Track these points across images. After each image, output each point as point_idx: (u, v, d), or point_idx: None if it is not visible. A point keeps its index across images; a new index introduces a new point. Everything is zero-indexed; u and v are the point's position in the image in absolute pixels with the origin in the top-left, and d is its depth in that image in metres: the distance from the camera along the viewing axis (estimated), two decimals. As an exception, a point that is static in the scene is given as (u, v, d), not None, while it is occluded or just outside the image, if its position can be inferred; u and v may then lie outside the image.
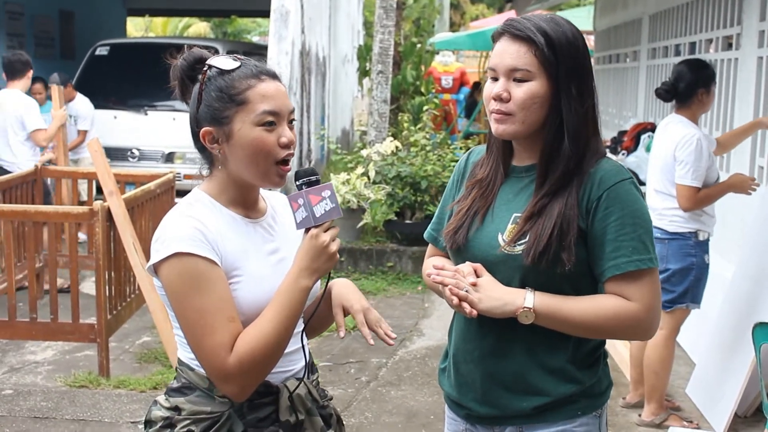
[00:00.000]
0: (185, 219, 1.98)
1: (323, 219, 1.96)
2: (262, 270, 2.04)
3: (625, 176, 2.09)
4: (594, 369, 2.17)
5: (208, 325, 1.92)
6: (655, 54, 8.90)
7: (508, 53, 2.09)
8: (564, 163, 2.08)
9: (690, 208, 4.49)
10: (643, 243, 2.05)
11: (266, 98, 2.01)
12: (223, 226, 2.02)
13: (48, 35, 14.29)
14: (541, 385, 2.13)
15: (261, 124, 2.00)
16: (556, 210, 2.06)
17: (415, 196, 8.22)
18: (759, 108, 5.70)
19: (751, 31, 5.88)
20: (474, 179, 2.28)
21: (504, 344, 2.15)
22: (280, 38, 9.41)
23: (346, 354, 5.91)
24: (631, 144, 7.79)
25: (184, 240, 1.94)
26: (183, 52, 2.10)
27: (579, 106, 2.08)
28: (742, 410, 4.73)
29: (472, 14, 32.65)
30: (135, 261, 5.49)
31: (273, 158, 2.01)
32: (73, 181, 7.41)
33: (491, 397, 2.18)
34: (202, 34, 29.11)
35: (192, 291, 1.93)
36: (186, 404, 2.05)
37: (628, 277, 2.04)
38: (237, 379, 1.94)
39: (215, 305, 1.93)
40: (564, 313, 2.06)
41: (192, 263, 1.93)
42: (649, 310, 2.07)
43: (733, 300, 4.94)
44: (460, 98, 16.20)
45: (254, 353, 1.92)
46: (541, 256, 2.04)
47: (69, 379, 5.26)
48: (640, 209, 2.07)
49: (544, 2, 14.10)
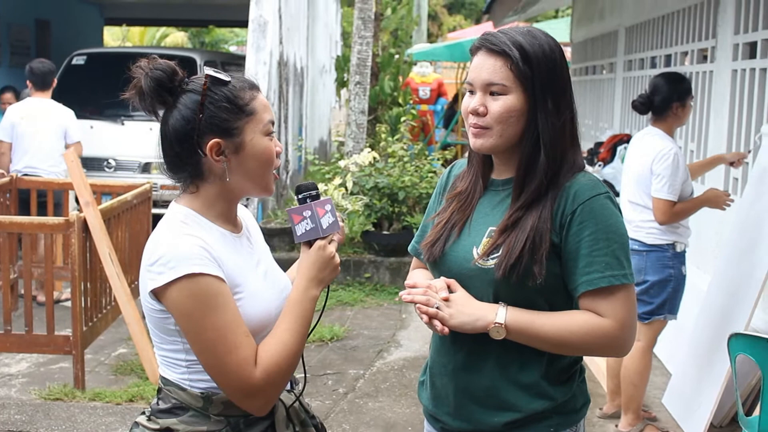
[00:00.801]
0: (186, 238, 1.93)
1: (329, 231, 2.03)
2: (257, 284, 2.05)
3: (600, 191, 2.06)
4: (568, 385, 2.15)
5: (230, 343, 1.90)
6: (631, 66, 8.96)
7: (484, 68, 2.09)
8: (540, 176, 2.07)
9: (665, 222, 4.53)
10: (616, 258, 2.02)
11: (267, 109, 2.05)
12: (218, 244, 1.99)
13: (24, 44, 14.19)
14: (513, 400, 2.11)
15: (267, 134, 2.02)
16: (529, 223, 2.05)
17: (393, 207, 8.22)
18: (733, 120, 5.75)
19: (725, 44, 5.94)
20: (453, 192, 2.28)
21: (476, 358, 2.13)
22: (258, 48, 9.40)
23: (324, 365, 5.89)
24: (607, 155, 7.83)
25: (192, 260, 1.90)
26: (147, 63, 2.02)
27: (555, 119, 2.07)
28: (717, 420, 4.76)
29: (449, 25, 32.80)
30: (111, 272, 5.45)
31: (274, 167, 2.05)
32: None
33: (464, 411, 2.17)
34: (179, 44, 29.03)
35: (209, 310, 1.89)
36: (179, 425, 2.01)
37: (601, 292, 2.02)
38: (265, 392, 1.95)
39: (233, 322, 1.92)
40: (535, 329, 2.04)
41: (205, 283, 1.90)
42: (623, 327, 2.04)
43: (709, 311, 4.98)
44: (437, 109, 16.24)
45: (279, 364, 1.94)
46: (512, 269, 2.03)
47: (44, 391, 5.21)
48: (615, 224, 2.05)
49: (521, 14, 14.17)
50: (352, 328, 6.77)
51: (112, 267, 5.45)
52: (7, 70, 13.33)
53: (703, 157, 6.30)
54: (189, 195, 2.05)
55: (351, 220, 8.06)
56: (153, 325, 2.01)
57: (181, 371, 2.02)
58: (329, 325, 6.64)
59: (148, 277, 1.94)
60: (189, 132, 1.99)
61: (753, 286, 4.48)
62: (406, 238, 8.30)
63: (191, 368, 2.01)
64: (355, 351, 6.26)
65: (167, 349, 2.02)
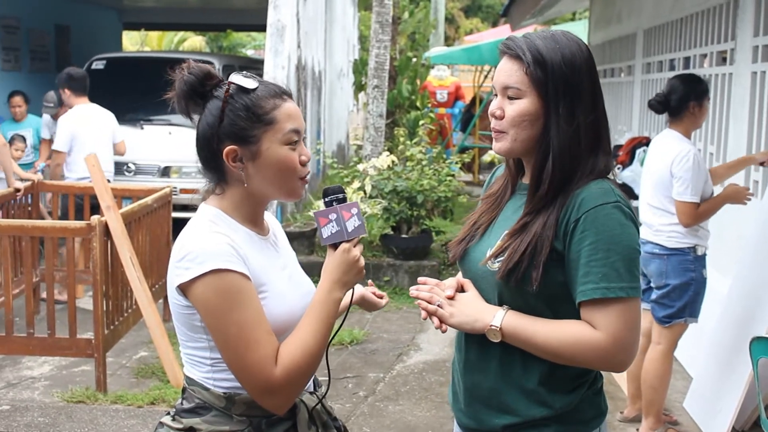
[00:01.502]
0: (215, 235, 1.98)
1: (354, 234, 2.05)
2: (282, 286, 2.08)
3: (608, 200, 2.00)
4: (573, 395, 2.09)
5: (252, 340, 1.94)
6: (650, 69, 8.94)
7: (503, 71, 2.10)
8: (548, 182, 2.05)
9: (691, 224, 4.51)
10: (615, 270, 1.96)
11: (291, 118, 2.06)
12: (245, 243, 2.04)
13: (44, 49, 14.30)
14: (513, 404, 2.10)
15: (288, 143, 2.04)
16: (534, 229, 2.04)
17: (412, 210, 8.22)
18: (753, 123, 5.73)
19: (745, 46, 5.92)
20: (487, 193, 2.30)
21: (482, 359, 2.15)
22: (277, 52, 9.44)
23: (344, 369, 5.90)
24: (626, 158, 7.81)
25: (219, 256, 1.94)
26: (185, 66, 2.08)
27: (567, 125, 2.03)
28: (739, 424, 4.74)
29: (466, 28, 32.77)
30: (132, 276, 5.49)
31: (298, 175, 2.07)
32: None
33: (471, 409, 2.20)
34: (197, 48, 29.20)
35: (233, 306, 1.94)
36: (202, 425, 2.04)
37: (596, 304, 1.97)
38: (284, 391, 1.97)
39: (256, 319, 1.95)
40: (528, 335, 2.03)
41: (230, 279, 1.94)
42: (615, 342, 1.97)
43: (730, 314, 4.96)
44: (455, 112, 16.24)
45: (299, 363, 1.97)
46: (510, 273, 2.03)
47: (66, 394, 5.25)
48: (620, 234, 1.98)
49: (539, 16, 14.16)
50: (372, 332, 6.78)
51: (133, 270, 5.48)
52: (27, 75, 13.44)
53: (723, 160, 6.28)
54: (217, 196, 2.12)
55: (370, 224, 8.07)
56: (179, 322, 2.05)
57: (205, 370, 2.05)
58: (349, 328, 6.65)
59: (175, 273, 1.98)
60: (211, 137, 2.06)
61: (774, 289, 4.47)
62: (425, 242, 8.33)
63: (215, 367, 2.04)
64: (375, 354, 6.27)
65: (192, 347, 2.06)
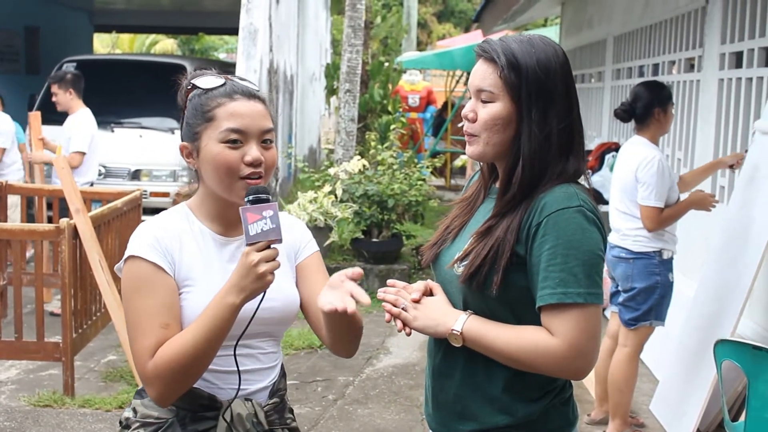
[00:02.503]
0: (149, 226, 2.09)
1: (257, 239, 1.91)
2: (218, 285, 2.00)
3: (571, 204, 1.97)
4: (537, 404, 2.07)
5: (140, 328, 2.00)
6: (620, 75, 9.02)
7: (477, 74, 2.08)
8: (517, 185, 2.03)
9: (654, 228, 4.57)
10: (573, 275, 1.93)
11: (233, 116, 2.05)
12: (187, 237, 2.09)
13: (13, 50, 14.18)
14: (476, 410, 2.09)
15: (224, 142, 2.04)
16: (497, 233, 2.02)
17: (382, 214, 8.24)
18: (720, 129, 5.80)
19: (712, 53, 6.00)
20: (461, 197, 2.29)
21: (448, 363, 2.13)
22: (249, 56, 9.43)
23: (313, 372, 5.90)
24: (595, 163, 7.87)
25: (139, 245, 2.04)
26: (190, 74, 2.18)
27: (538, 130, 2.01)
28: (704, 426, 4.79)
29: (439, 33, 32.84)
30: (101, 279, 5.46)
31: (236, 175, 2.04)
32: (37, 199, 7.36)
33: (438, 414, 2.18)
34: (169, 51, 29.04)
35: (135, 293, 2.02)
36: (140, 407, 2.13)
37: (554, 309, 1.95)
38: (154, 384, 1.99)
39: (152, 310, 2.00)
40: (489, 340, 2.00)
41: (139, 266, 2.03)
42: (571, 348, 1.94)
43: (695, 318, 5.02)
44: (426, 117, 16.28)
45: (170, 361, 1.97)
46: (471, 277, 2.01)
47: (33, 398, 5.21)
48: (580, 239, 1.95)
49: (510, 22, 14.22)
50: (342, 335, 6.76)
51: (102, 274, 5.45)
52: (-4, 77, 13.33)
53: (691, 165, 6.35)
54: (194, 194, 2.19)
55: (340, 228, 8.08)
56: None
57: None
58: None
59: None
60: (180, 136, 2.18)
61: (739, 292, 4.52)
62: (396, 246, 8.34)
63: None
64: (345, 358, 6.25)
65: None
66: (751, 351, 3.39)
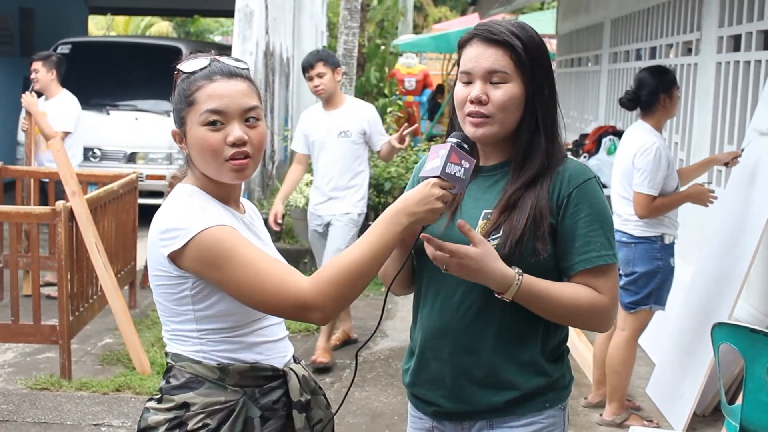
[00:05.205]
0: (194, 206, 2.03)
1: (448, 178, 1.96)
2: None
3: (590, 175, 2.17)
4: (560, 363, 2.25)
5: (266, 271, 1.96)
6: (617, 58, 9.00)
7: (484, 56, 2.13)
8: (541, 158, 2.15)
9: (644, 216, 4.55)
10: (608, 240, 2.14)
11: (212, 98, 2.04)
12: (223, 212, 2.08)
13: (8, 32, 14.08)
14: (513, 379, 2.17)
15: (205, 124, 2.04)
16: (529, 202, 2.12)
17: (379, 197, 8.23)
18: (717, 113, 5.80)
19: (710, 36, 5.98)
20: None
21: (475, 340, 2.18)
22: (245, 38, 9.38)
23: (310, 355, 5.90)
24: (592, 147, 7.88)
25: (204, 219, 1.98)
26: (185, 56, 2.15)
27: (552, 105, 2.19)
28: (701, 409, 4.81)
29: (435, 17, 32.76)
30: (97, 261, 5.45)
31: (221, 157, 2.04)
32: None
33: (462, 392, 2.21)
34: (164, 34, 28.90)
35: (232, 251, 1.96)
36: (197, 398, 2.05)
37: (597, 271, 2.12)
38: (318, 304, 1.94)
39: (257, 255, 1.98)
40: (541, 288, 2.08)
41: (221, 231, 1.97)
42: (613, 303, 2.16)
43: (692, 301, 5.02)
44: (422, 100, 16.26)
45: (337, 277, 1.94)
46: (516, 245, 2.09)
47: (30, 381, 5.20)
48: (606, 208, 2.17)
49: (507, 5, 14.19)
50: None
51: (98, 257, 5.44)
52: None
53: (688, 149, 6.35)
54: (190, 176, 2.15)
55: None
56: (163, 297, 2.07)
57: (193, 343, 2.07)
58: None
59: (161, 245, 2.00)
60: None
61: (736, 276, 4.53)
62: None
63: (203, 338, 2.06)
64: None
65: (177, 321, 2.08)
66: (748, 334, 3.40)
